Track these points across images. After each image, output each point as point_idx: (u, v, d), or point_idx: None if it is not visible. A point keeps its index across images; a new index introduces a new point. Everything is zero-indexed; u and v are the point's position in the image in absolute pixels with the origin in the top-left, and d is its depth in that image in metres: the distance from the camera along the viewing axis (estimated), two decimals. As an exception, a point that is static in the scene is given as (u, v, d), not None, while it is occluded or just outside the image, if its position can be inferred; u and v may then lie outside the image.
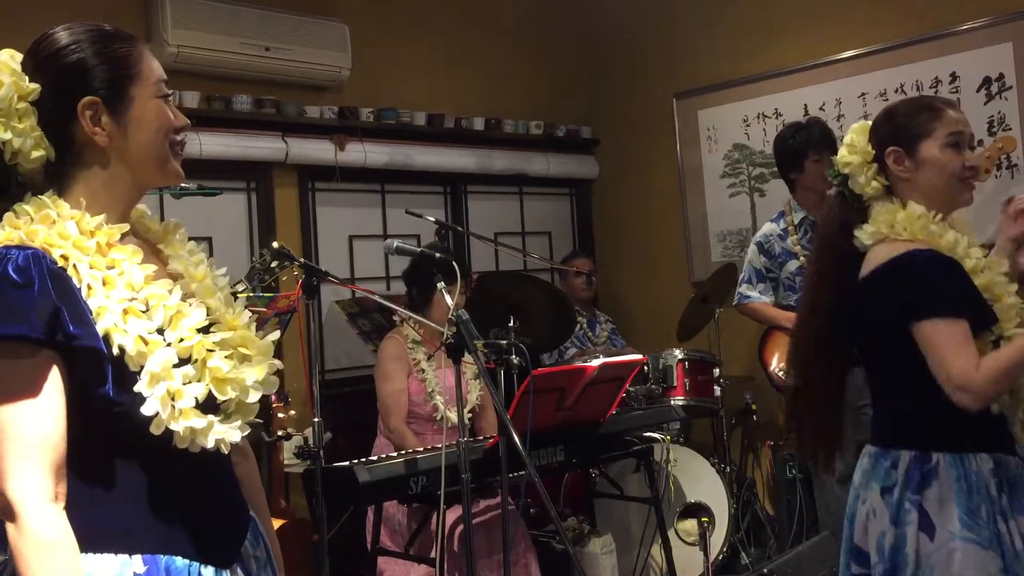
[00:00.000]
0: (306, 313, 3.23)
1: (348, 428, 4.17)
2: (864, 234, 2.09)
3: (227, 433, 1.38)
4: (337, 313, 4.47)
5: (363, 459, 3.03)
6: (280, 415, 3.46)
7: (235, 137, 4.35)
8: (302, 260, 3.07)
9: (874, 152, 2.12)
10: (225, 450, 1.39)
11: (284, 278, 3.83)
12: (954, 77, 4.42)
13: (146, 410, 1.31)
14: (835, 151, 3.85)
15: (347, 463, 2.95)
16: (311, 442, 2.91)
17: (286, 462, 3.64)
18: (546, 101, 5.67)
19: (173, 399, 1.33)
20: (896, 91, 4.58)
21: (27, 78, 1.38)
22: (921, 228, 2.04)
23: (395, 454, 3.17)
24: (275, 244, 3.23)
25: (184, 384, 1.35)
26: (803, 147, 3.81)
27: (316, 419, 2.91)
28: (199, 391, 1.36)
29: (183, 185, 3.18)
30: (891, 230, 2.05)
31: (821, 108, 4.78)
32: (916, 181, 2.09)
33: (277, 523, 3.49)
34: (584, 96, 5.92)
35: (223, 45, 4.27)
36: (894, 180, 2.12)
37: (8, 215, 1.35)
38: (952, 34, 4.42)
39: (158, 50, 4.11)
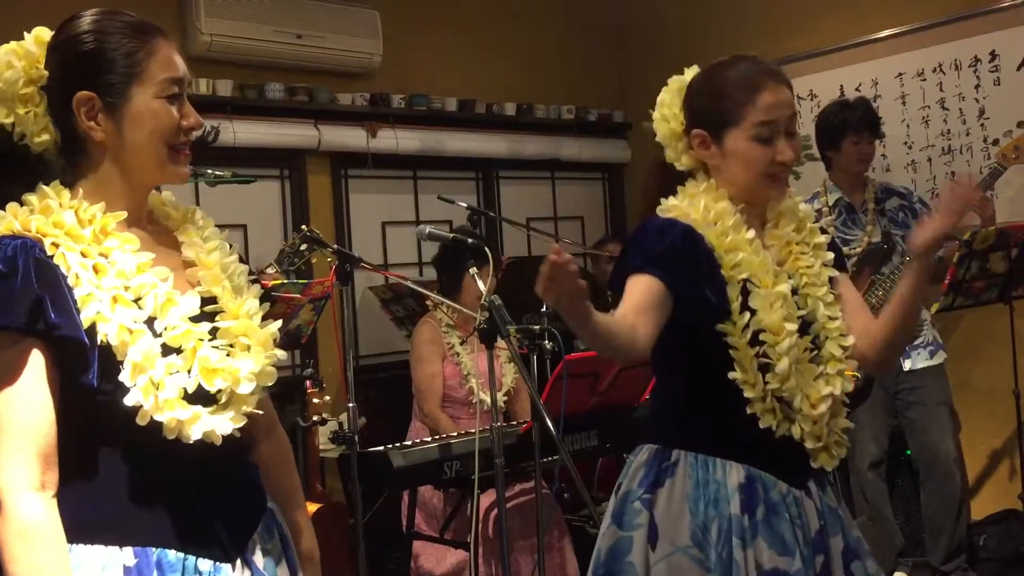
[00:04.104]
0: (340, 299, 3.24)
1: (383, 413, 4.19)
2: (665, 209, 1.84)
3: (216, 424, 1.35)
4: (371, 299, 4.49)
5: (397, 444, 3.05)
6: (315, 400, 3.49)
7: (268, 125, 4.38)
8: (335, 247, 3.09)
9: (684, 126, 1.85)
10: (216, 442, 1.35)
11: (315, 261, 3.86)
12: (993, 56, 4.33)
13: (128, 401, 1.30)
14: (876, 133, 3.84)
15: (382, 448, 2.97)
16: (346, 427, 2.94)
17: (321, 447, 3.67)
18: (578, 85, 5.64)
19: (156, 389, 1.31)
20: (934, 71, 4.51)
21: (43, 60, 1.38)
22: (691, 204, 1.80)
23: (429, 439, 3.19)
24: (304, 228, 3.25)
25: (168, 374, 1.33)
26: (842, 127, 3.75)
27: (351, 404, 2.93)
28: (184, 381, 1.34)
29: (217, 173, 3.21)
30: (683, 205, 1.82)
31: (857, 89, 4.71)
32: (722, 169, 1.83)
33: (312, 507, 3.52)
34: (616, 80, 5.88)
35: (256, 33, 4.29)
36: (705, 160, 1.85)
37: (12, 205, 1.35)
38: (991, 11, 4.33)
39: (191, 39, 4.14)
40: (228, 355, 1.40)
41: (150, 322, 1.35)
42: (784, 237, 1.86)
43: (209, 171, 3.19)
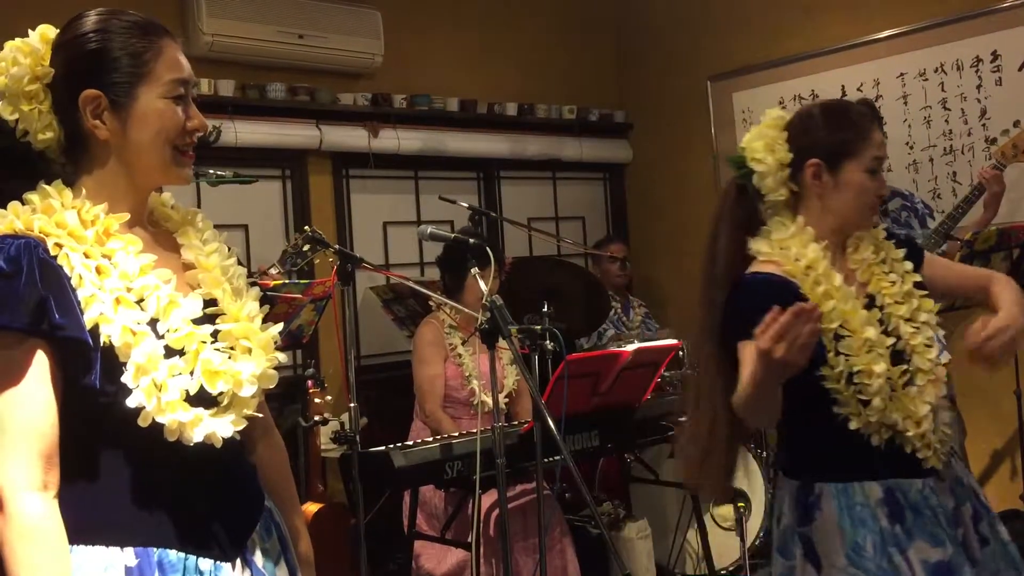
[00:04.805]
0: (341, 299, 3.25)
1: (384, 413, 4.19)
2: (756, 251, 1.98)
3: (217, 427, 1.35)
4: (372, 299, 4.49)
5: (399, 444, 3.05)
6: (317, 400, 3.49)
7: (270, 125, 4.38)
8: (337, 247, 3.09)
9: (791, 156, 1.97)
10: (216, 444, 1.36)
11: (317, 261, 3.86)
12: (995, 56, 4.33)
13: (130, 402, 1.30)
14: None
15: (383, 448, 2.97)
16: (347, 427, 2.94)
17: (323, 447, 3.67)
18: (579, 86, 5.64)
19: (159, 391, 1.31)
20: (936, 71, 4.51)
21: (49, 57, 1.38)
22: (783, 253, 1.94)
23: (431, 439, 3.19)
24: (307, 228, 3.25)
25: (171, 376, 1.32)
26: None
27: (352, 404, 2.93)
28: (186, 383, 1.34)
29: (219, 173, 3.22)
30: (774, 252, 1.95)
31: (859, 89, 4.71)
32: (827, 199, 1.97)
33: (314, 507, 3.53)
34: (617, 80, 5.88)
35: (257, 33, 4.29)
36: (802, 191, 1.98)
37: (13, 204, 1.34)
38: (993, 12, 4.33)
39: (193, 39, 4.14)
40: (229, 358, 1.40)
41: (152, 324, 1.35)
42: (866, 260, 2.01)
43: (211, 171, 3.20)
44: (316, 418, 3.49)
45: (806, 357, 1.63)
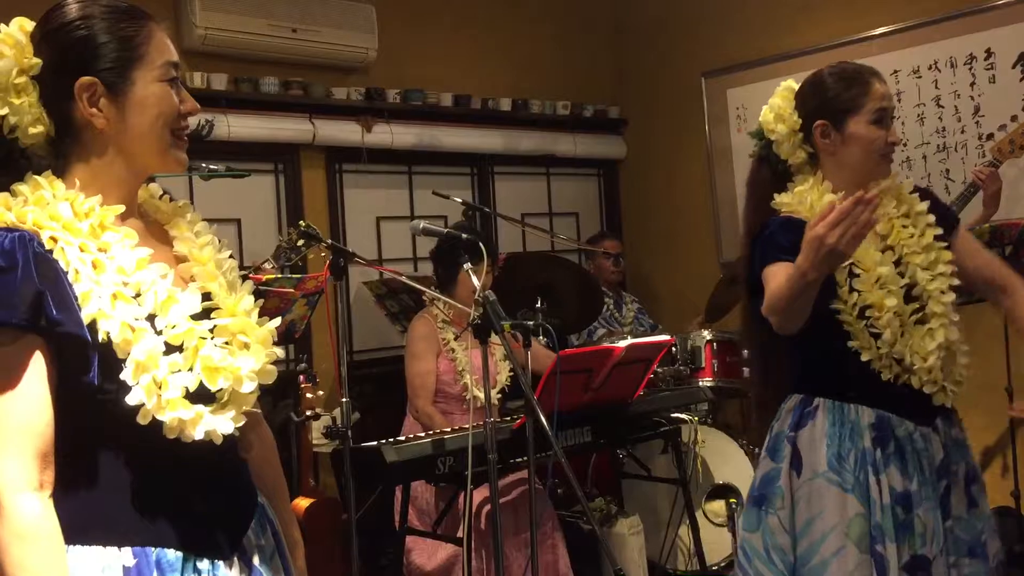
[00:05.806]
0: (334, 294, 3.24)
1: (376, 408, 4.19)
2: (779, 204, 2.17)
3: (217, 424, 1.33)
4: (365, 294, 4.48)
5: (391, 439, 3.05)
6: (309, 395, 3.48)
7: (263, 119, 4.37)
8: (330, 241, 3.08)
9: (800, 121, 2.15)
10: (217, 441, 1.34)
11: (311, 256, 3.85)
12: (989, 53, 4.34)
13: (131, 400, 1.27)
14: None
15: (375, 443, 2.97)
16: (339, 422, 2.93)
17: (315, 442, 3.67)
18: (573, 81, 5.63)
19: (160, 388, 1.29)
20: (930, 68, 4.51)
21: (32, 49, 1.35)
22: (800, 202, 2.11)
23: (423, 434, 3.19)
24: (302, 223, 3.24)
25: (171, 373, 1.30)
26: None
27: (344, 399, 2.93)
28: (187, 380, 1.31)
29: (211, 167, 3.20)
30: (794, 203, 2.14)
31: (852, 86, 4.72)
32: (839, 154, 2.14)
33: (306, 502, 3.52)
34: (612, 76, 5.88)
35: (251, 27, 4.28)
36: (817, 150, 2.16)
37: (3, 196, 1.32)
38: (988, 9, 4.33)
39: (186, 32, 4.13)
40: (228, 353, 1.38)
41: (151, 319, 1.33)
42: (887, 214, 2.16)
43: (203, 165, 3.18)
44: (308, 413, 3.48)
45: (854, 249, 1.76)
